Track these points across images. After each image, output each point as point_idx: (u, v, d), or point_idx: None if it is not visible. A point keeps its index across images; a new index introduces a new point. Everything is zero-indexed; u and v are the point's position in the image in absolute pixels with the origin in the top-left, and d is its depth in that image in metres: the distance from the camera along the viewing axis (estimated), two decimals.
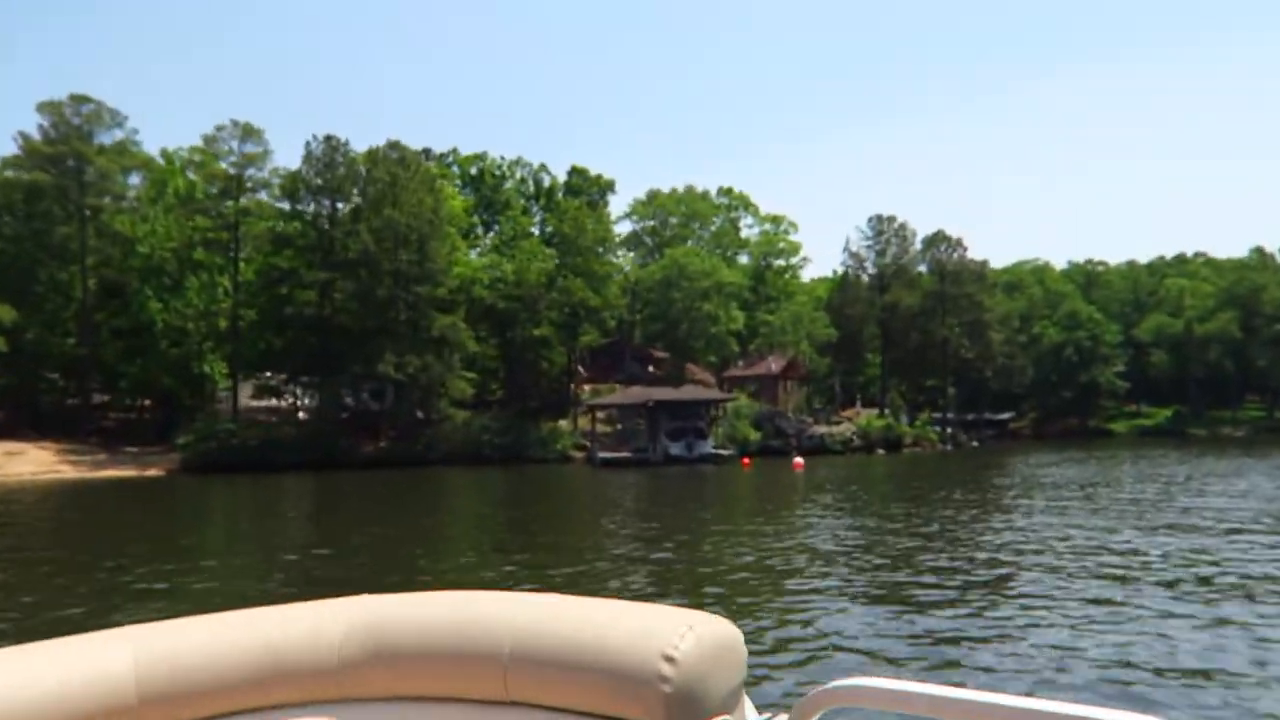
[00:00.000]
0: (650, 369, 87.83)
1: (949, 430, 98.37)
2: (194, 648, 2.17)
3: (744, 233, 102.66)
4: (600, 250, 77.78)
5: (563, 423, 78.20)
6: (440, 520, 29.68)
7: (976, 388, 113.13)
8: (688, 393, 65.90)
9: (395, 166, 71.05)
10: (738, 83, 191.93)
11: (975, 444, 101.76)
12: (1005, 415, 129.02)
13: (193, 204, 71.97)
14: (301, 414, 76.98)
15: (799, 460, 56.64)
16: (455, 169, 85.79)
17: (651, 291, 79.31)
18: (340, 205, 72.14)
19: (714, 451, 64.18)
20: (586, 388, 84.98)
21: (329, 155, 70.89)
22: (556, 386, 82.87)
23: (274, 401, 77.34)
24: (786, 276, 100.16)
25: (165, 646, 2.15)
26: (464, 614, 2.19)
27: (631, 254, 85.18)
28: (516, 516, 30.52)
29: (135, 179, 74.87)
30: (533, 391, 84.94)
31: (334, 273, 70.12)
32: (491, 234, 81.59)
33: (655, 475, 51.15)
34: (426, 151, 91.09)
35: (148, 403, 76.28)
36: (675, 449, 63.43)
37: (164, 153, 78.28)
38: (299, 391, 74.49)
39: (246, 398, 79.07)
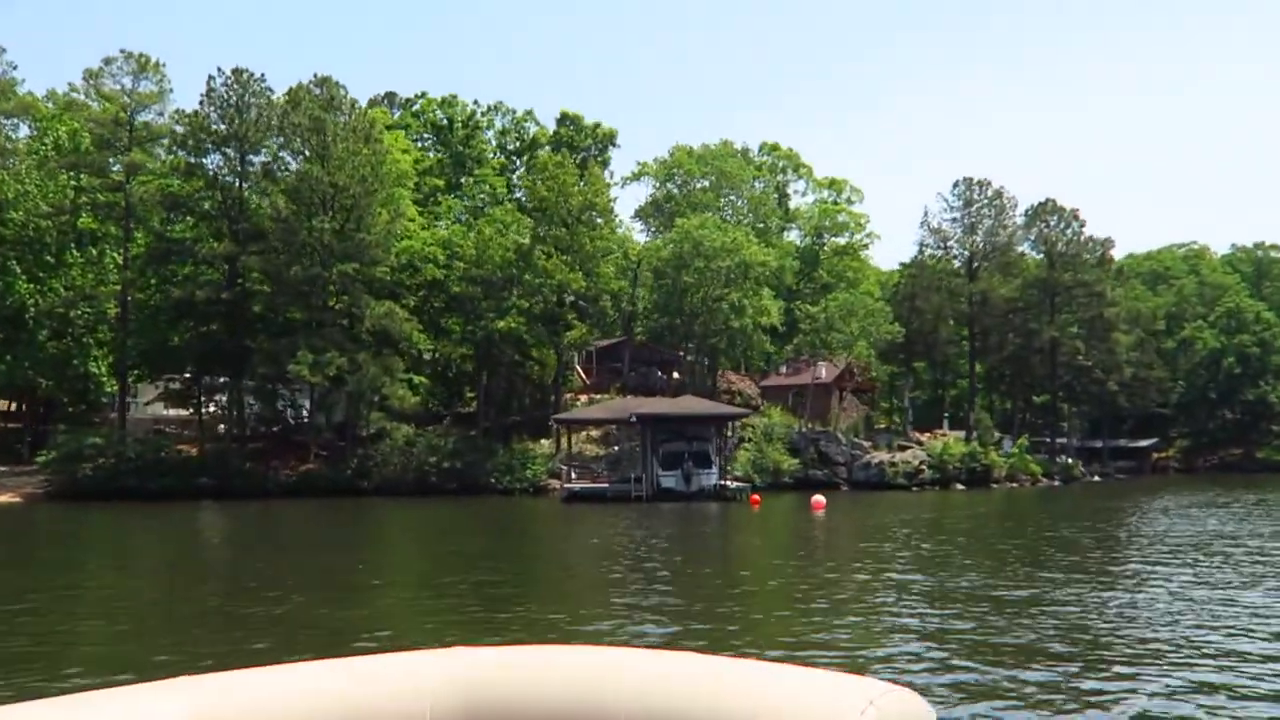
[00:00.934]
0: (675, 375, 79.67)
1: (1064, 460, 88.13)
2: (258, 703, 2.17)
3: (793, 202, 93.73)
4: (592, 220, 69.95)
5: (545, 442, 70.62)
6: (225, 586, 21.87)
7: (1107, 406, 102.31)
8: (686, 405, 57.51)
9: (322, 109, 64.14)
10: (788, 17, 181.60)
11: (1096, 478, 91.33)
12: (1146, 442, 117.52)
13: (76, 158, 66.01)
14: (223, 426, 70.76)
15: (819, 499, 48.28)
16: (420, 118, 78.66)
17: (659, 274, 71.05)
18: (253, 159, 65.63)
19: (720, 484, 55.91)
20: (583, 398, 77.23)
21: (237, 94, 64.40)
22: (543, 397, 75.27)
23: (187, 411, 71.28)
24: (846, 259, 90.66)
25: (224, 702, 2.16)
26: (578, 672, 2.18)
27: (642, 228, 77.14)
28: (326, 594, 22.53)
29: (23, 130, 69.49)
30: (513, 403, 77.56)
31: (241, 246, 63.62)
32: (455, 198, 74.22)
33: (628, 516, 43.96)
34: (389, 96, 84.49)
35: (18, 408, 70.74)
36: (668, 480, 55.45)
37: (52, 95, 72.92)
38: (205, 399, 68.01)
39: (151, 404, 73.31)
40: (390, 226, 65.28)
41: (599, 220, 70.93)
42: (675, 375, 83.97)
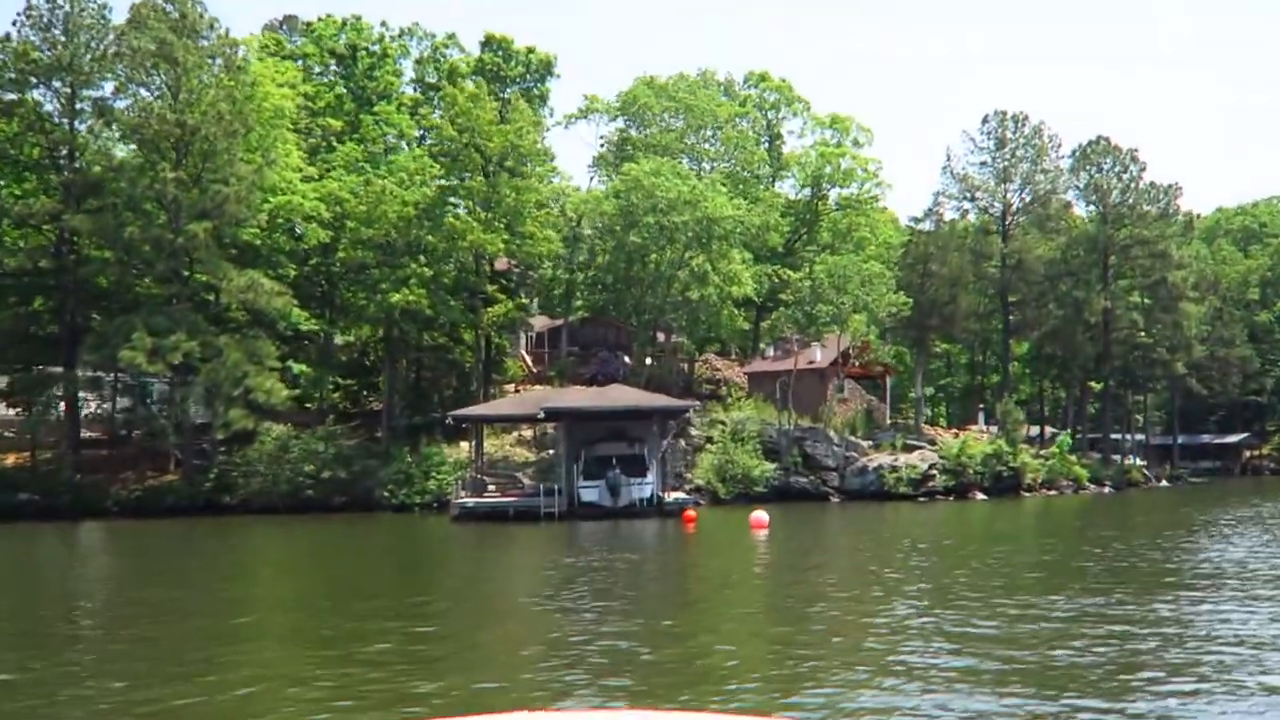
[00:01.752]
0: (649, 360, 73.81)
1: (1121, 461, 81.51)
2: None
3: (787, 146, 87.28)
4: (519, 168, 64.10)
5: (466, 446, 64.83)
6: None
7: (1179, 393, 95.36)
8: (615, 397, 51.71)
9: (171, 31, 58.49)
10: None
11: (1163, 483, 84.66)
12: (1235, 438, 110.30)
13: None
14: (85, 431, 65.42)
15: (760, 516, 43.24)
16: (320, 45, 72.79)
17: (606, 234, 65.12)
18: (87, 94, 60.25)
19: (658, 497, 50.46)
20: (521, 390, 71.36)
21: (65, 14, 58.87)
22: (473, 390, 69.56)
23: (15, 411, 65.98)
24: (852, 214, 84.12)
25: None
26: None
27: (601, 182, 70.86)
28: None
29: None
30: (433, 397, 71.84)
31: (71, 202, 58.32)
32: (353, 142, 68.40)
33: (517, 542, 40.00)
34: (288, 21, 78.67)
35: None
36: (589, 492, 50.12)
37: None
38: (36, 395, 62.58)
39: None
40: (258, 177, 59.50)
41: (528, 168, 64.84)
42: (649, 361, 78.19)
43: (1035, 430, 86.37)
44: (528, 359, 78.50)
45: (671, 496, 53.77)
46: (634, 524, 47.27)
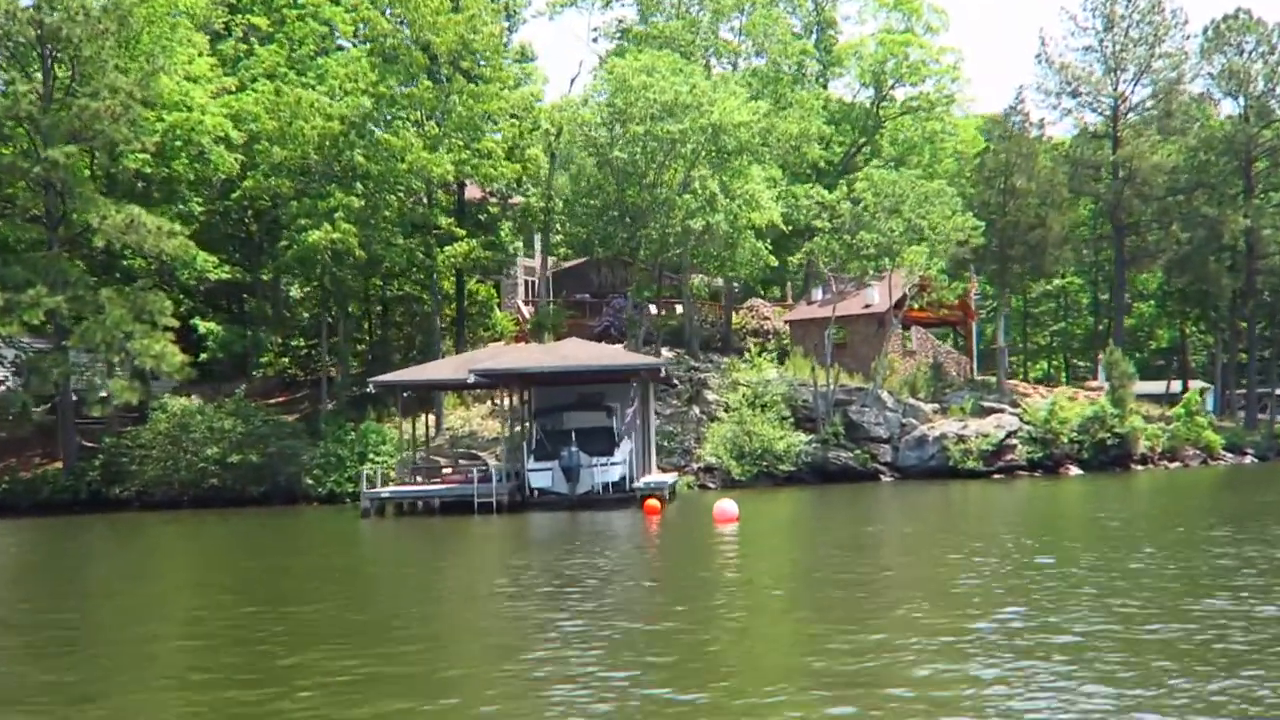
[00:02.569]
0: (652, 309, 67.45)
1: (1271, 422, 73.42)
2: None
3: (843, 35, 79.72)
4: (478, 68, 58.35)
5: (434, 419, 59.80)
6: None
7: None
8: (566, 354, 45.70)
9: None
10: None
11: None
12: None
13: None
14: None
15: (725, 507, 36.67)
16: None
17: (582, 147, 58.69)
18: None
19: (629, 479, 45.16)
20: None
21: None
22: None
23: None
24: (924, 120, 76.55)
25: None
26: None
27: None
28: None
29: None
30: (393, 359, 66.29)
31: None
32: (273, 46, 62.70)
33: (425, 545, 36.01)
34: None
35: None
36: (540, 476, 44.69)
37: None
38: None
39: None
40: (143, 90, 53.83)
41: (488, 69, 58.79)
42: (653, 310, 72.13)
43: (1180, 386, 78.82)
44: (524, 310, 72.32)
45: (650, 480, 47.54)
46: (588, 519, 41.10)
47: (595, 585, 22.62)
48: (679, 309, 71.04)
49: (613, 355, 48.64)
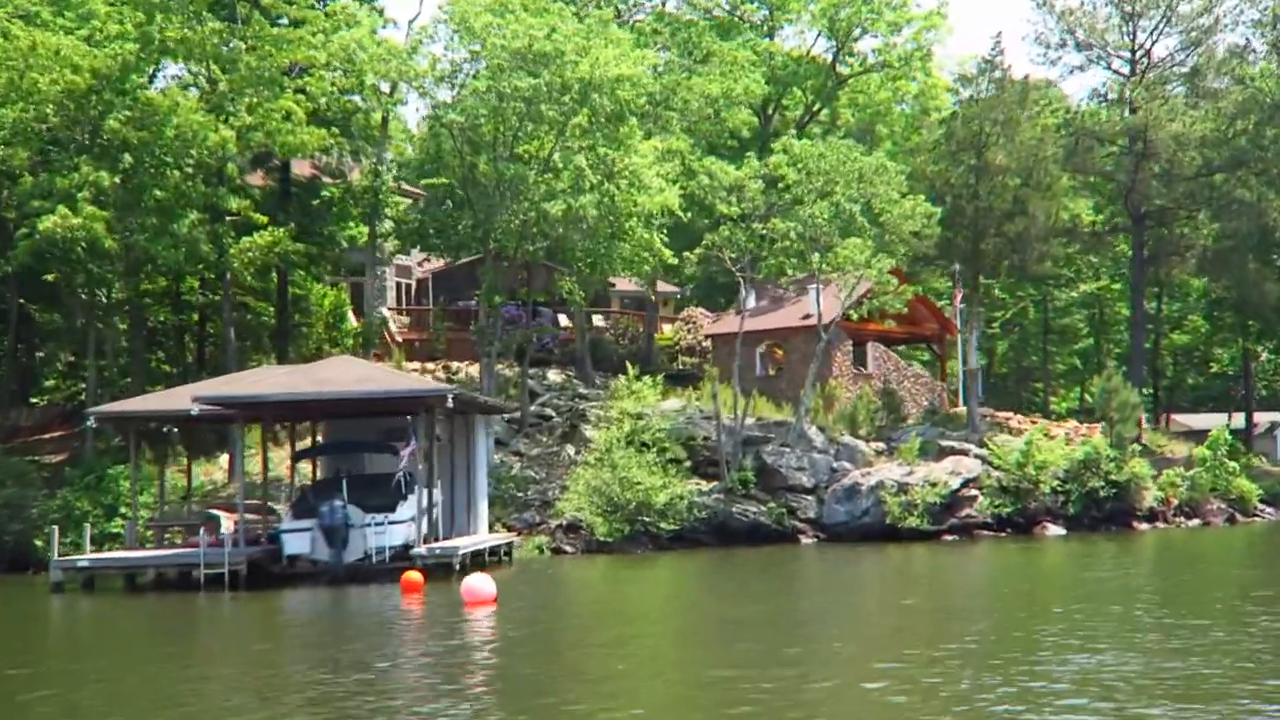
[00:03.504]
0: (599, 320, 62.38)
1: None
2: None
3: None
4: (280, 5, 53.21)
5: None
6: None
7: None
8: (324, 378, 40.18)
9: None
10: None
11: None
12: None
13: None
14: None
15: (475, 585, 31.41)
16: None
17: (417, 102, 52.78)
18: None
19: (411, 544, 39.18)
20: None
21: None
22: None
23: None
24: (893, 77, 70.89)
25: None
26: None
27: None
28: None
29: None
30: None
31: None
32: None
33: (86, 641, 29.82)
34: None
35: None
36: (295, 541, 39.25)
37: None
38: None
39: None
40: None
41: (292, 5, 53.37)
42: (599, 321, 66.72)
43: (1241, 419, 71.88)
44: (392, 322, 66.37)
45: (463, 544, 42.05)
46: (333, 600, 35.33)
47: None
48: (563, 322, 65.91)
49: (388, 380, 42.77)
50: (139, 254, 51.92)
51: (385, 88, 56.95)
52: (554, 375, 61.63)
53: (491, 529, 48.58)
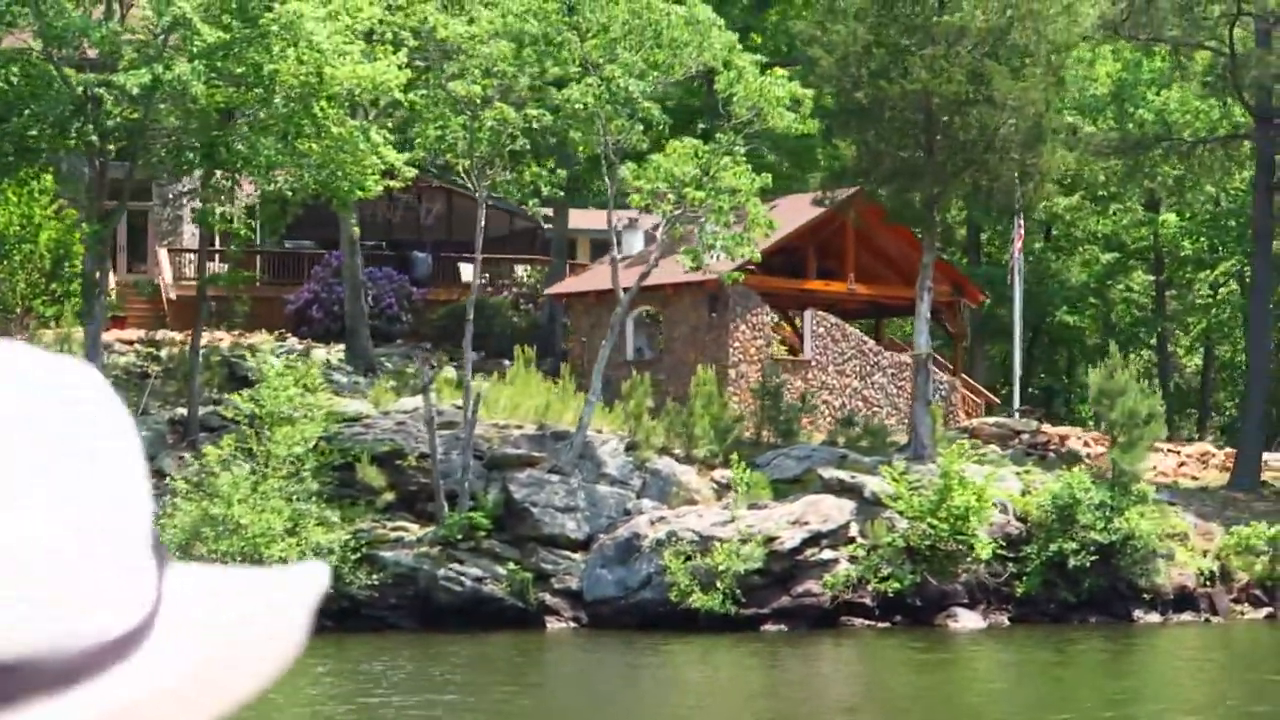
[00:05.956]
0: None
1: None
2: None
3: None
4: None
5: None
6: None
7: None
8: None
9: None
10: None
11: None
12: None
13: None
14: None
15: None
16: None
17: None
18: None
19: None
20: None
21: None
22: None
23: None
24: None
25: None
26: None
27: None
28: None
29: None
30: None
31: None
32: None
33: None
34: None
35: None
36: None
37: None
38: None
39: None
40: None
41: None
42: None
43: None
44: (166, 266, 48.90)
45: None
46: None
47: None
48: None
49: None
50: None
51: None
52: (321, 353, 42.43)
53: None
